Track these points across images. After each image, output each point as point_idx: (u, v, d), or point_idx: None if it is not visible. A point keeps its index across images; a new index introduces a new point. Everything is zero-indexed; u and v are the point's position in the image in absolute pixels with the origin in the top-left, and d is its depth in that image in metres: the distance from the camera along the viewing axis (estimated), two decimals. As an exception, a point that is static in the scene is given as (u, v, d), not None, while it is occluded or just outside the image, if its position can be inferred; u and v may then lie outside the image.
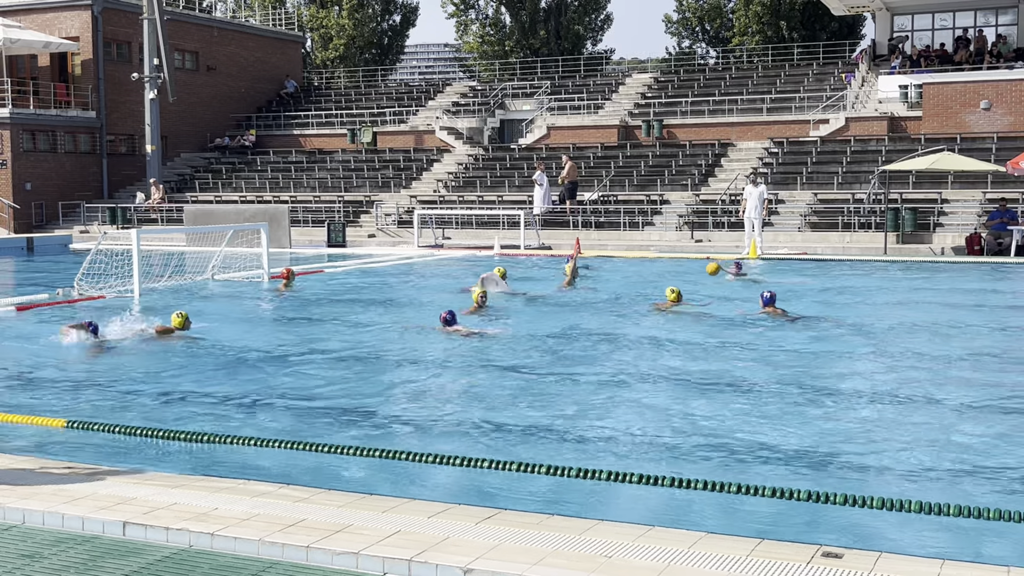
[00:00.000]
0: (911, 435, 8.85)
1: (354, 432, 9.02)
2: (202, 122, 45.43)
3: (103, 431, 8.56)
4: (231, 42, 47.08)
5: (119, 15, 41.81)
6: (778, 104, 38.01)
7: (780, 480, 7.41)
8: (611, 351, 13.10)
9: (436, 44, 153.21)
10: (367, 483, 7.27)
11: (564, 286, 19.58)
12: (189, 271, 21.92)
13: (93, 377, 11.64)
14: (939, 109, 33.70)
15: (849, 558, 5.36)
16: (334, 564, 5.44)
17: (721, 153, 36.02)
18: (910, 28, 40.36)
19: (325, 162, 41.46)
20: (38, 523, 6.10)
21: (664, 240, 30.47)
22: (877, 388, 10.76)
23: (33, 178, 38.84)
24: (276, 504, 6.29)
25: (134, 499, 6.36)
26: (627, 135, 38.84)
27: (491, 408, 9.91)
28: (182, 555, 5.62)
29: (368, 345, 13.65)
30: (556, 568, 5.23)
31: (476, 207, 34.36)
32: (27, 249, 32.78)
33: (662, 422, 9.32)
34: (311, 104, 47.56)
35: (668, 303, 16.25)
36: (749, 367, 11.85)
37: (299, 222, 34.88)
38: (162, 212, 37.15)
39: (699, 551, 5.45)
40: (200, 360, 12.70)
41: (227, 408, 9.98)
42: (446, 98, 45.32)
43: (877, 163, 31.60)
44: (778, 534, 5.92)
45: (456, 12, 60.87)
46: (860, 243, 28.58)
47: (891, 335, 14.36)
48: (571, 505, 6.88)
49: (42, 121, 39.31)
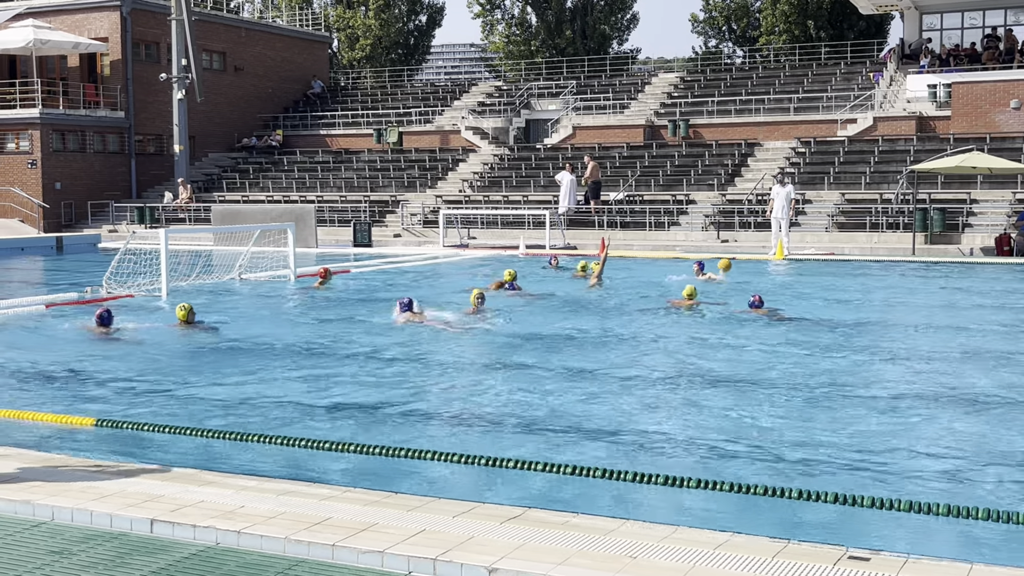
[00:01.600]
0: (940, 437, 8.78)
1: (379, 430, 9.03)
2: (229, 122, 45.67)
3: (130, 429, 8.63)
4: (258, 42, 47.31)
5: (147, 16, 42.09)
6: (805, 104, 37.81)
7: (807, 481, 7.37)
8: (631, 349, 13.08)
9: (462, 44, 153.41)
10: (392, 482, 7.28)
11: (592, 286, 19.61)
12: (216, 270, 22.04)
13: (118, 374, 11.71)
14: (968, 108, 33.43)
15: (876, 561, 5.33)
16: (360, 563, 5.45)
17: (748, 153, 35.87)
18: (939, 27, 40.06)
19: (351, 162, 41.59)
20: (67, 520, 6.15)
21: (690, 240, 30.38)
22: (905, 390, 10.68)
23: (63, 178, 39.16)
24: (302, 502, 6.31)
25: (162, 496, 6.40)
26: (653, 135, 38.75)
27: (513, 407, 9.90)
28: (209, 553, 5.65)
29: (393, 343, 13.67)
30: (581, 568, 5.22)
31: (501, 207, 34.37)
32: (56, 248, 33.08)
33: (687, 422, 9.29)
34: (337, 104, 47.71)
35: (685, 300, 16.34)
36: (771, 366, 11.80)
37: (325, 222, 35.00)
38: (190, 212, 37.37)
39: (725, 552, 5.43)
40: (225, 357, 12.76)
41: (250, 406, 10.02)
42: (472, 98, 45.36)
43: (905, 163, 31.37)
44: (805, 536, 5.88)
45: (482, 12, 60.90)
46: (888, 244, 28.39)
47: (920, 336, 14.25)
48: (596, 505, 6.87)
49: (71, 121, 39.63)
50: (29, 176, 38.54)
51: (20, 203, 38.43)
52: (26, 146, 38.73)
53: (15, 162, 38.83)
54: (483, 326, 14.82)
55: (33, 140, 38.53)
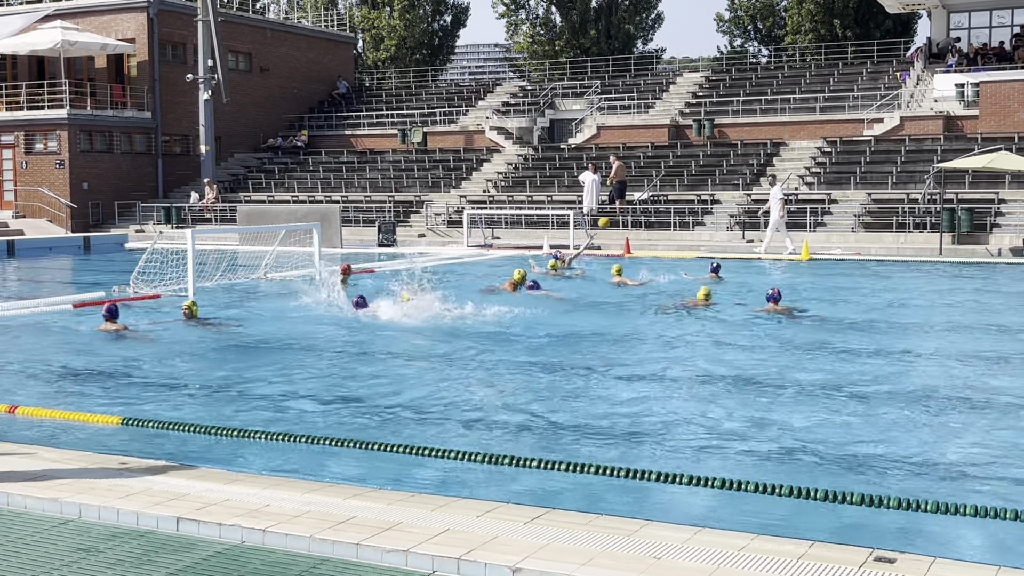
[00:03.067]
0: (967, 438, 8.71)
1: (402, 430, 9.05)
2: (255, 123, 45.89)
3: (156, 428, 8.69)
4: (284, 43, 47.51)
5: (174, 17, 42.35)
6: (831, 103, 37.60)
7: (832, 481, 7.33)
8: (651, 348, 13.05)
9: (486, 44, 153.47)
10: (415, 481, 7.30)
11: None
12: (242, 270, 22.15)
13: (141, 372, 11.79)
14: (996, 108, 33.15)
15: (902, 562, 5.29)
16: (384, 562, 5.46)
17: (773, 153, 35.72)
18: (967, 25, 39.73)
19: (376, 162, 41.70)
20: (94, 518, 6.20)
21: (715, 240, 30.28)
22: (934, 390, 10.60)
23: (90, 178, 39.46)
24: (326, 501, 6.33)
25: (187, 495, 6.44)
26: (678, 134, 38.64)
27: (538, 407, 9.90)
28: (234, 551, 5.68)
29: (415, 343, 13.69)
30: (605, 568, 5.21)
31: (525, 207, 34.37)
32: (84, 248, 33.34)
33: (709, 421, 9.26)
34: (362, 105, 47.85)
35: (700, 300, 16.47)
36: (795, 366, 11.75)
37: (350, 222, 35.11)
38: (216, 212, 37.57)
39: (749, 553, 5.41)
40: (247, 354, 12.82)
41: (272, 403, 10.07)
42: (496, 98, 45.38)
43: (932, 163, 31.14)
44: (830, 536, 5.85)
45: (507, 12, 60.89)
46: (915, 244, 28.19)
47: (946, 336, 14.15)
48: (619, 505, 6.85)
49: (99, 122, 39.92)
50: (57, 176, 38.87)
51: (48, 203, 38.75)
52: (54, 146, 39.06)
53: (43, 162, 39.17)
54: (504, 325, 14.79)
55: (61, 140, 38.85)
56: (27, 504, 6.40)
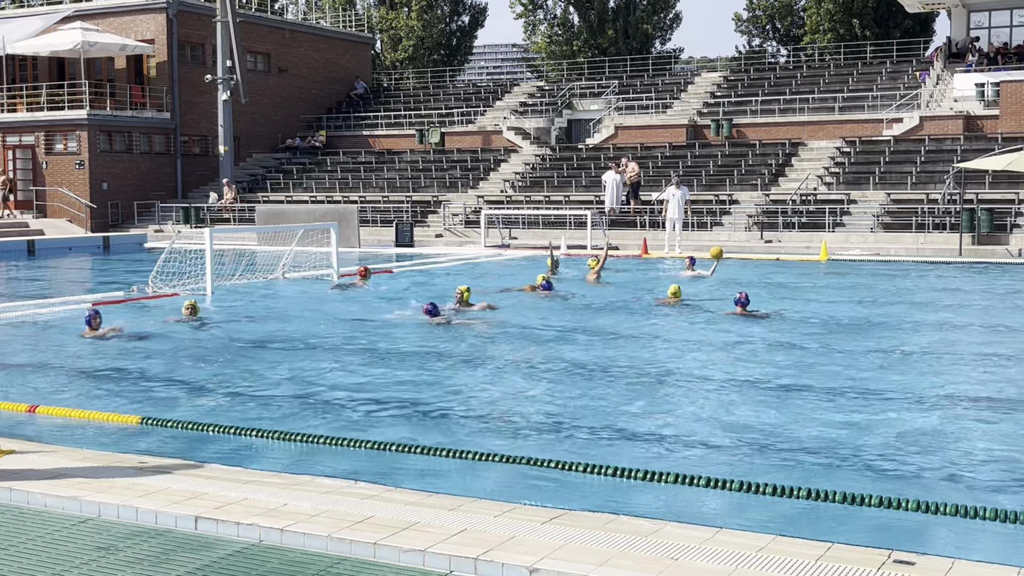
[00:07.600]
0: (986, 440, 8.66)
1: (419, 430, 9.05)
2: (273, 123, 46.03)
3: (174, 427, 8.72)
4: (302, 44, 47.63)
5: (193, 18, 42.52)
6: (850, 103, 37.45)
7: (851, 483, 7.29)
8: (650, 348, 13.02)
9: (504, 44, 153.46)
10: (433, 481, 7.30)
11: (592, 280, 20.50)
12: (260, 270, 22.22)
13: (156, 372, 11.84)
14: (1017, 107, 32.94)
15: (922, 565, 5.27)
16: (401, 561, 5.47)
17: (792, 152, 35.59)
18: (987, 24, 39.50)
19: (394, 162, 41.76)
20: (113, 516, 6.23)
21: (733, 240, 30.19)
22: (951, 393, 10.55)
23: (109, 178, 39.66)
24: (344, 501, 6.34)
25: (206, 494, 6.46)
26: (696, 134, 38.55)
27: (555, 408, 9.89)
28: (252, 550, 5.69)
29: (431, 344, 13.70)
30: (622, 569, 5.20)
31: (543, 207, 34.36)
32: (103, 248, 33.49)
33: (728, 423, 9.23)
34: (380, 105, 47.92)
35: (669, 298, 16.76)
36: (813, 368, 11.70)
37: (368, 222, 35.17)
38: (234, 212, 37.69)
39: (768, 555, 5.39)
40: (248, 355, 12.85)
41: (289, 403, 10.09)
42: (514, 98, 45.38)
43: (952, 163, 30.97)
44: (849, 539, 5.83)
45: (524, 12, 60.90)
46: (934, 244, 28.04)
47: (960, 338, 14.08)
48: (637, 506, 6.84)
49: (118, 122, 40.12)
50: (77, 176, 39.08)
51: (68, 203, 38.97)
52: (74, 147, 39.28)
53: (63, 163, 39.39)
54: (515, 326, 14.79)
55: (81, 141, 39.06)
56: (47, 503, 6.44)
